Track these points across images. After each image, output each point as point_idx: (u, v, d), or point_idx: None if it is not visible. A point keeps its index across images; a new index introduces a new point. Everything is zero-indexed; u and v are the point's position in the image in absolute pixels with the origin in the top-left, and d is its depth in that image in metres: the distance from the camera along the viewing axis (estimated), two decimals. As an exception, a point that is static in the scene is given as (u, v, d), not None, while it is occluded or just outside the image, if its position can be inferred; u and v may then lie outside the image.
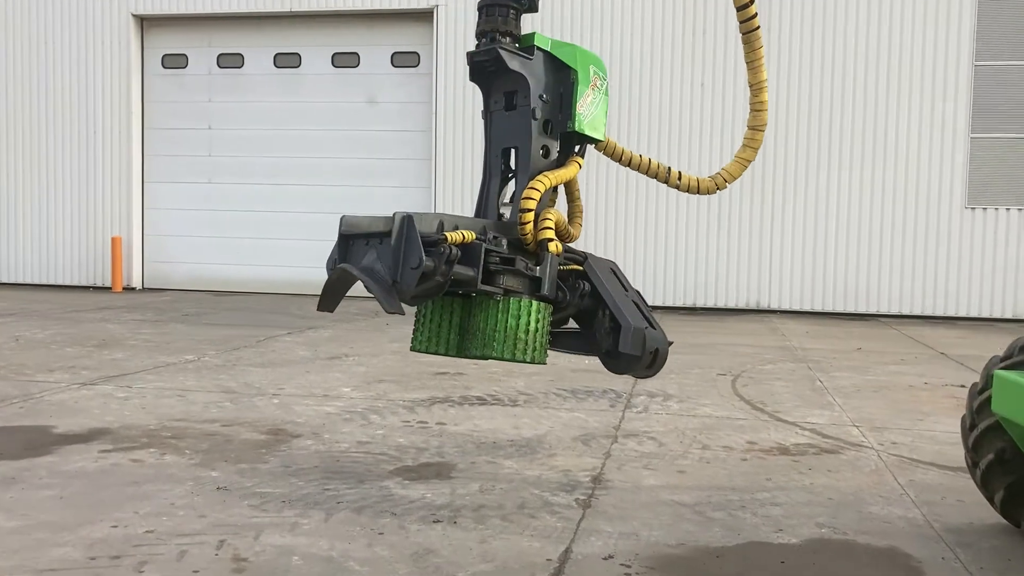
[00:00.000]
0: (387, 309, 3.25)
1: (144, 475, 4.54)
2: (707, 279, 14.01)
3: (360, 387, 7.00)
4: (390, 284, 3.26)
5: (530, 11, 3.76)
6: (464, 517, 3.99)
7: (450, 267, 3.25)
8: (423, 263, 3.16)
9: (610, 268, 3.84)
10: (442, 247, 3.23)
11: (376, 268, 3.33)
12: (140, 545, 3.55)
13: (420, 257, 3.16)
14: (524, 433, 5.62)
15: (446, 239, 3.25)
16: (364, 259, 3.41)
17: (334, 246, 3.55)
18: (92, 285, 15.90)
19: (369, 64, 15.19)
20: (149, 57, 15.86)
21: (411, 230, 3.22)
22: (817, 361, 8.91)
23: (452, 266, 3.26)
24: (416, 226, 3.21)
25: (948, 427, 6.02)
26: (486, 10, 3.66)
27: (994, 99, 13.20)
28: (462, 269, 3.30)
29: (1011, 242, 13.30)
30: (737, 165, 4.06)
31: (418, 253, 3.17)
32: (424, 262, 3.17)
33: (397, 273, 3.23)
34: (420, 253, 3.17)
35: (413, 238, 3.20)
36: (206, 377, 7.32)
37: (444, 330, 3.66)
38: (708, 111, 13.80)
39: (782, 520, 4.05)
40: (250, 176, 15.55)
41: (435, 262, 3.22)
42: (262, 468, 4.71)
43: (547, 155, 3.72)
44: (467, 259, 3.33)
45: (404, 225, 3.23)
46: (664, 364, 3.75)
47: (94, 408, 6.09)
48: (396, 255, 3.23)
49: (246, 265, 15.61)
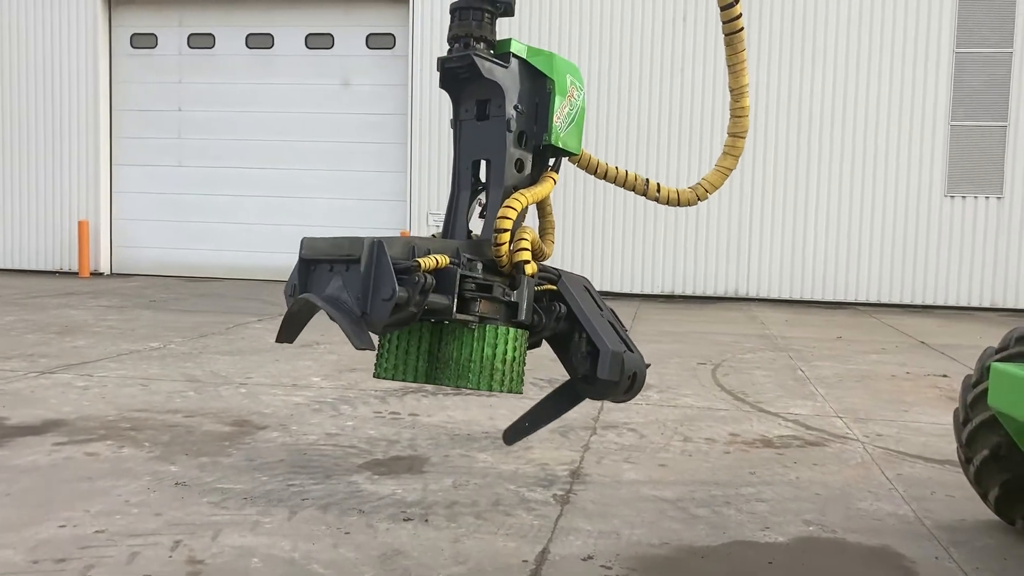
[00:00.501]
0: (356, 345, 2.95)
1: (99, 470, 4.31)
2: (685, 267, 13.87)
3: (331, 376, 6.78)
4: (358, 316, 2.98)
5: (505, 15, 3.53)
6: (436, 515, 3.79)
7: (424, 297, 3.01)
8: (396, 294, 2.90)
9: (583, 286, 3.65)
10: (416, 276, 2.97)
11: (342, 298, 3.03)
12: (88, 547, 3.33)
13: (393, 287, 2.89)
14: (500, 425, 5.41)
15: (419, 266, 3.00)
16: (328, 287, 3.11)
17: (293, 269, 3.24)
18: (58, 270, 15.52)
19: (344, 46, 14.87)
20: (117, 36, 15.45)
21: (382, 257, 2.93)
22: (798, 350, 8.79)
23: (427, 296, 3.02)
24: (387, 252, 2.94)
25: (933, 418, 5.90)
26: (459, 13, 3.42)
27: (974, 87, 13.12)
28: (437, 298, 3.06)
29: (989, 231, 13.25)
30: (718, 174, 3.90)
31: (391, 283, 2.90)
32: (397, 292, 2.90)
33: (367, 304, 2.95)
34: (393, 283, 2.90)
35: (384, 266, 2.92)
36: (171, 366, 7.07)
37: (412, 357, 3.42)
38: (689, 100, 13.63)
39: (768, 517, 3.89)
40: (221, 159, 15.21)
41: (408, 292, 2.96)
42: (224, 462, 4.49)
43: (521, 169, 3.50)
44: (441, 286, 3.09)
45: (375, 252, 2.95)
46: (642, 387, 3.57)
47: (51, 398, 5.83)
48: (365, 284, 2.95)
49: (216, 250, 15.28)
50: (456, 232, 3.59)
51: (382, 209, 14.75)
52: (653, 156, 13.66)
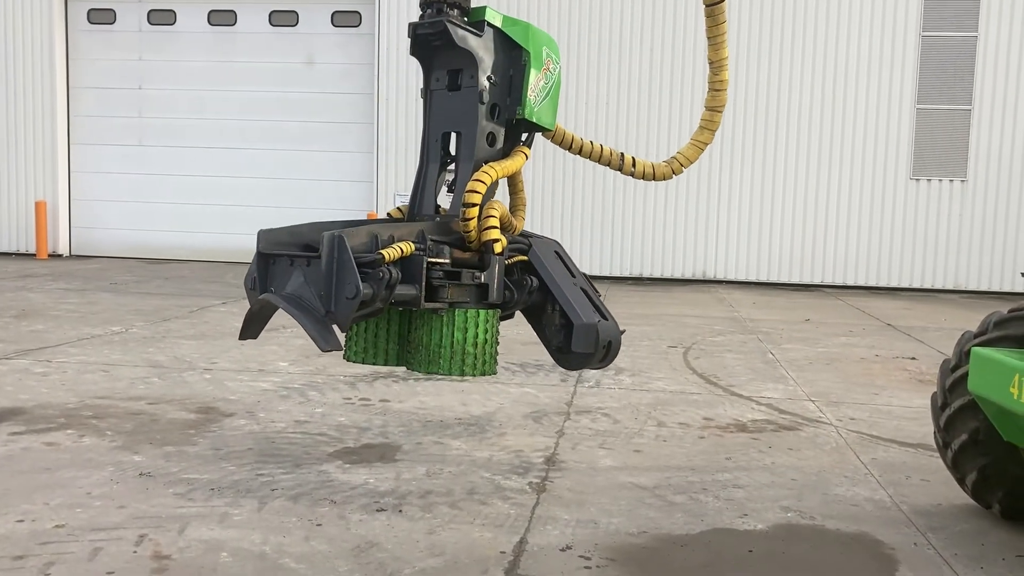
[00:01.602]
0: (322, 347, 2.84)
1: (59, 460, 4.16)
2: (653, 249, 13.85)
3: (298, 361, 6.65)
4: (322, 315, 2.87)
5: None
6: (410, 505, 3.70)
7: (391, 291, 2.91)
8: (360, 292, 2.79)
9: (555, 252, 3.56)
10: (380, 270, 2.88)
11: (304, 296, 2.92)
12: (48, 542, 3.20)
13: (356, 285, 2.79)
14: (473, 411, 5.35)
15: (383, 259, 2.90)
16: (289, 283, 2.98)
17: (252, 261, 3.10)
18: (15, 252, 15.14)
19: (308, 23, 14.60)
20: (74, 11, 15.03)
21: (343, 253, 2.82)
22: (767, 332, 8.80)
23: (393, 290, 2.92)
24: (348, 248, 2.82)
25: (904, 401, 5.92)
26: None
27: (940, 70, 13.19)
28: (404, 289, 2.97)
29: (953, 214, 13.37)
30: (693, 148, 3.84)
31: (354, 281, 2.79)
32: (361, 291, 2.80)
33: (331, 303, 2.85)
34: (356, 281, 2.79)
35: (346, 263, 2.81)
36: (133, 350, 6.89)
37: (381, 340, 3.33)
38: (658, 73, 13.57)
39: (746, 504, 3.85)
40: (182, 139, 14.89)
41: (373, 288, 2.86)
42: (190, 451, 4.36)
43: (492, 143, 3.41)
44: (407, 276, 3.00)
45: (335, 248, 2.83)
46: (617, 355, 3.51)
47: (7, 385, 5.64)
48: (328, 282, 2.84)
49: (179, 232, 14.99)
50: (424, 206, 3.48)
51: (348, 190, 14.55)
52: (623, 130, 13.59)
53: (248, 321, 3.17)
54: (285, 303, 2.92)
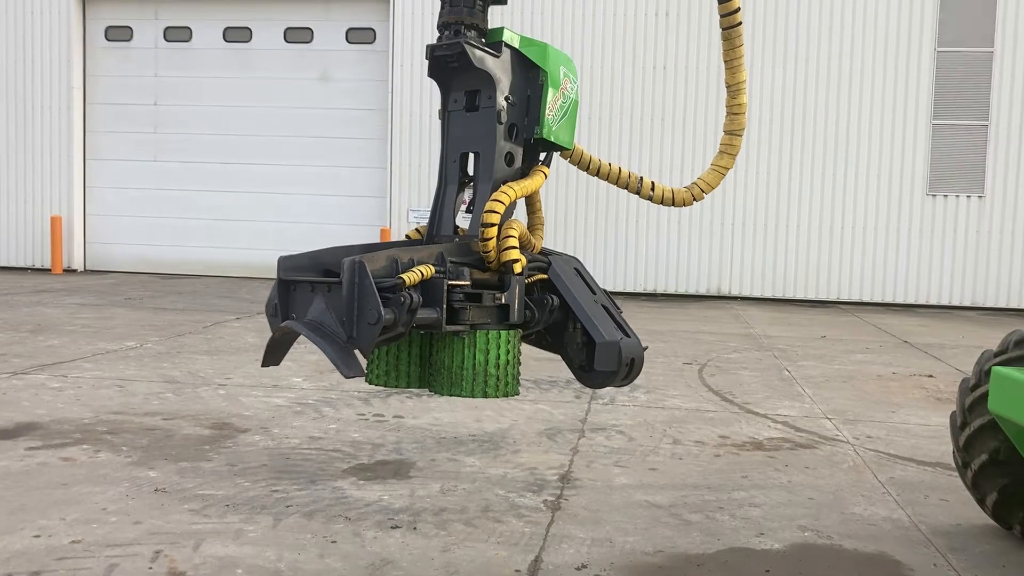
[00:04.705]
0: (345, 374, 2.82)
1: (74, 476, 4.17)
2: (667, 265, 13.82)
3: (312, 376, 6.65)
4: (344, 341, 2.85)
5: (497, 3, 3.43)
6: (424, 522, 3.69)
7: (412, 316, 2.89)
8: (382, 318, 2.77)
9: (575, 269, 3.53)
10: (401, 295, 2.86)
11: (326, 322, 2.90)
12: (64, 558, 3.20)
13: (378, 311, 2.77)
14: (487, 427, 5.33)
15: (404, 283, 2.88)
16: (310, 309, 2.97)
17: (273, 287, 3.10)
18: (30, 267, 15.25)
19: (323, 40, 14.69)
20: (92, 29, 15.18)
21: (364, 279, 2.80)
22: (782, 349, 8.75)
23: (414, 314, 2.90)
24: (369, 273, 2.80)
25: (921, 419, 5.87)
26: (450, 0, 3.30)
27: (956, 86, 13.15)
28: (425, 313, 2.95)
29: (970, 230, 13.30)
30: (714, 174, 3.78)
31: (375, 306, 2.77)
32: (383, 317, 2.78)
33: (352, 329, 2.83)
34: (378, 306, 2.77)
35: (367, 288, 2.79)
36: (148, 366, 6.91)
37: (403, 363, 3.31)
38: (671, 95, 13.58)
39: (763, 523, 3.82)
40: (197, 154, 14.99)
41: (395, 313, 2.84)
42: (205, 467, 4.36)
43: (511, 163, 3.39)
44: (428, 299, 2.97)
45: (355, 274, 2.81)
46: (640, 371, 3.48)
47: (24, 400, 5.67)
48: (349, 308, 2.83)
49: (193, 247, 15.07)
50: (442, 227, 3.47)
51: (362, 205, 14.60)
52: (636, 152, 13.59)
53: (270, 348, 3.16)
54: (307, 330, 2.90)
